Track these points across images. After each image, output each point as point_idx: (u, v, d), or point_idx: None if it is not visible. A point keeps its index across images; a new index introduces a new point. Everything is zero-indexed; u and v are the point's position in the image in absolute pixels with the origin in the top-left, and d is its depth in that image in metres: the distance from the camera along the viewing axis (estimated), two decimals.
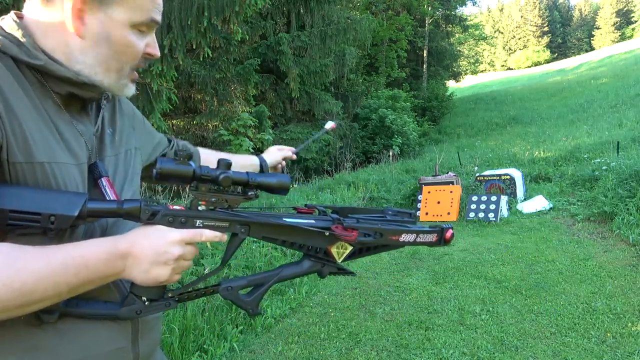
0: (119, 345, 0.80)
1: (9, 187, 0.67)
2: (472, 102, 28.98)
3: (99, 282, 0.72)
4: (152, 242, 0.73)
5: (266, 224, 0.83)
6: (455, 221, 6.89)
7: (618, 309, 3.31)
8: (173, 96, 6.83)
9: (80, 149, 0.78)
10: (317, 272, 0.90)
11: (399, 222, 0.94)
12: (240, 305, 0.86)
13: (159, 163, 0.72)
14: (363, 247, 0.91)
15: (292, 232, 0.85)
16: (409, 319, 3.47)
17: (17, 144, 0.68)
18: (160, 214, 0.75)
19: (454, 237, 0.97)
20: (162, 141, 1.12)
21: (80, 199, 0.70)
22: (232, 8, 6.41)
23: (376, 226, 0.90)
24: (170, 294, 0.81)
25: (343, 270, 0.92)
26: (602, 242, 5.04)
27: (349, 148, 14.31)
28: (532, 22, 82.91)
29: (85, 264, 0.68)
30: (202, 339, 2.99)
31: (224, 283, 0.84)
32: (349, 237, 0.87)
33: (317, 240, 0.87)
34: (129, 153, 0.92)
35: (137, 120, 1.01)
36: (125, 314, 0.77)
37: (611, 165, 7.23)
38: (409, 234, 0.92)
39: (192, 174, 0.74)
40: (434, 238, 0.95)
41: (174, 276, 0.76)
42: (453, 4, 28.03)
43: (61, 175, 0.72)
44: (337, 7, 13.54)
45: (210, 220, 0.78)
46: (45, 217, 0.67)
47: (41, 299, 0.66)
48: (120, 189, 0.85)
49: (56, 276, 0.66)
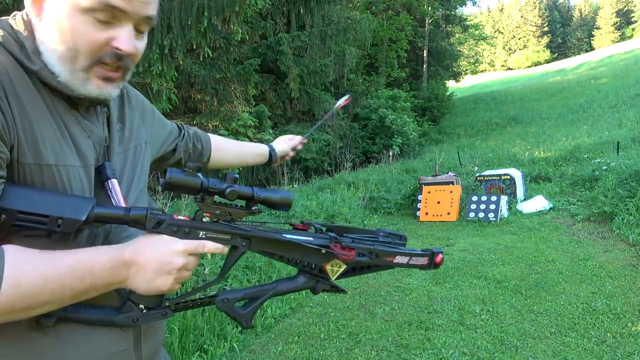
0: (121, 348, 0.80)
1: (17, 187, 0.67)
2: (472, 102, 28.97)
3: (101, 290, 0.72)
4: (156, 251, 0.73)
5: (266, 239, 0.85)
6: (455, 221, 6.89)
7: (618, 309, 3.31)
8: (173, 96, 6.84)
9: (88, 151, 0.78)
10: (310, 288, 0.93)
11: (391, 243, 0.97)
12: (235, 317, 0.87)
13: (169, 173, 0.74)
14: (357, 267, 0.94)
15: (291, 248, 0.87)
16: (409, 319, 3.47)
17: (27, 145, 0.68)
18: (166, 224, 0.76)
19: (443, 261, 1.01)
20: (173, 130, 1.12)
21: (88, 203, 0.71)
22: (232, 8, 6.41)
23: (372, 247, 0.93)
24: (167, 302, 0.81)
25: (335, 288, 0.95)
26: (602, 242, 5.04)
27: (349, 148, 14.31)
28: (532, 22, 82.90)
29: (90, 269, 0.69)
30: (202, 339, 2.99)
31: (221, 295, 0.86)
32: (347, 256, 0.89)
33: (313, 257, 0.89)
34: (138, 148, 0.92)
35: (147, 112, 1.01)
36: (122, 321, 0.77)
37: (611, 165, 7.23)
38: (403, 256, 0.95)
39: (200, 186, 0.76)
40: (425, 261, 0.98)
41: (175, 285, 0.76)
42: (453, 4, 28.02)
43: (67, 178, 0.72)
44: (337, 7, 13.54)
45: (214, 232, 0.80)
46: (53, 219, 0.67)
47: (46, 302, 0.66)
48: (127, 189, 0.85)
49: (63, 280, 0.66)
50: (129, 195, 0.84)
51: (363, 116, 16.21)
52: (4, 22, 0.73)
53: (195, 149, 1.20)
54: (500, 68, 77.58)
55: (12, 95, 0.67)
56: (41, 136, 0.69)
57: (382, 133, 15.58)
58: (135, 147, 0.91)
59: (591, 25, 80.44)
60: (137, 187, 0.88)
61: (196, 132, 1.22)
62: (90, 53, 0.70)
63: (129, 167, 0.87)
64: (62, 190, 0.71)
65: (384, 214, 7.86)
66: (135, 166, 0.89)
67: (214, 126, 9.05)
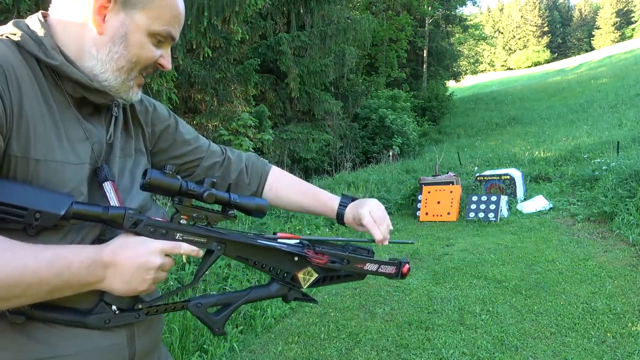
0: (113, 342, 0.80)
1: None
2: (472, 102, 28.98)
3: (77, 289, 0.72)
4: (134, 251, 0.74)
5: (241, 244, 0.86)
6: (455, 221, 6.89)
7: (618, 309, 3.31)
8: (173, 96, 6.84)
9: (84, 150, 0.78)
10: (283, 296, 0.94)
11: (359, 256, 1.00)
12: (207, 323, 0.88)
13: (149, 174, 0.74)
14: (327, 276, 0.96)
15: (265, 253, 0.89)
16: (409, 319, 3.47)
17: (19, 138, 0.69)
18: (143, 224, 0.76)
19: (410, 271, 1.06)
20: (199, 149, 1.06)
21: (67, 199, 0.71)
22: (232, 8, 6.41)
23: (344, 253, 0.96)
24: (140, 305, 0.81)
25: (307, 297, 0.98)
26: (602, 242, 5.04)
27: (349, 148, 14.32)
28: (532, 22, 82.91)
29: (69, 266, 0.69)
30: (202, 339, 2.99)
31: (194, 299, 0.86)
32: (320, 260, 0.93)
33: (286, 264, 0.92)
34: (140, 155, 0.93)
35: (168, 125, 1.01)
36: (93, 322, 0.76)
37: (611, 165, 7.24)
38: (372, 263, 0.99)
39: (179, 188, 0.77)
40: (393, 270, 1.02)
41: (152, 286, 0.77)
42: (453, 4, 28.02)
43: (56, 174, 0.73)
44: (337, 7, 13.52)
45: (190, 234, 0.81)
46: (31, 213, 0.67)
47: (22, 294, 0.66)
48: (126, 194, 0.85)
49: (41, 272, 0.66)
50: (128, 199, 0.84)
51: (363, 116, 16.21)
52: (22, 22, 0.77)
53: (240, 181, 1.12)
54: (500, 68, 77.58)
55: (14, 89, 0.69)
56: (35, 132, 0.71)
57: (382, 133, 15.58)
58: (137, 155, 0.92)
59: (591, 25, 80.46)
60: (139, 194, 0.88)
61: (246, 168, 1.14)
62: (144, 66, 0.83)
63: (128, 172, 0.88)
64: (48, 185, 0.72)
65: None
66: (134, 172, 0.90)
67: (214, 126, 9.06)
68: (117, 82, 0.80)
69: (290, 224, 6.06)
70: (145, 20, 0.78)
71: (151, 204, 0.92)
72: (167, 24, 0.81)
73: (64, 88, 0.77)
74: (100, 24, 0.77)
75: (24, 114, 0.70)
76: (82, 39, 0.77)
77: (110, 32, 0.77)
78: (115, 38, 0.77)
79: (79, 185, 0.76)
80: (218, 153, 1.11)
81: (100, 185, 0.80)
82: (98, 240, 0.79)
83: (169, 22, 0.81)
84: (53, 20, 0.78)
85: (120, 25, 0.77)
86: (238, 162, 1.13)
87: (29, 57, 0.74)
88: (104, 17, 0.77)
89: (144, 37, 0.79)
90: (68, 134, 0.76)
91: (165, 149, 1.01)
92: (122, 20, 0.77)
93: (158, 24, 0.80)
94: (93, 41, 0.77)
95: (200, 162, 1.06)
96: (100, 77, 0.78)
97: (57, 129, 0.74)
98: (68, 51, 0.77)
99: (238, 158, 1.14)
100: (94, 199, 0.79)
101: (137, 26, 0.78)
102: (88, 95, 0.79)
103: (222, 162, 1.10)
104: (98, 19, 0.76)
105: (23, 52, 0.73)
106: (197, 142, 1.07)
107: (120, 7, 0.77)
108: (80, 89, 0.78)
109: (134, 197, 0.86)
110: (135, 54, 0.80)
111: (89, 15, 0.76)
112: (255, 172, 1.15)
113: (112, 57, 0.78)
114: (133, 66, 0.80)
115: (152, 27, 0.79)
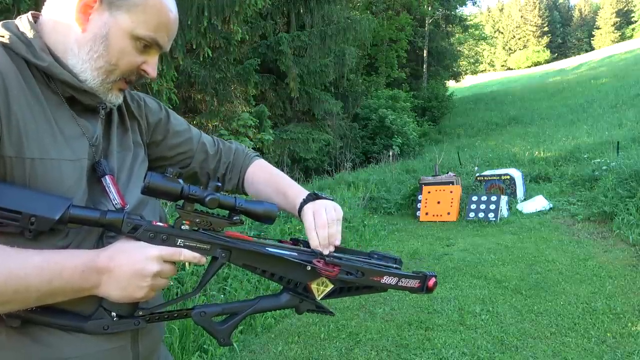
0: (118, 344, 0.80)
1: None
2: (472, 102, 28.96)
3: (71, 295, 0.71)
4: (130, 257, 0.72)
5: (248, 251, 0.81)
6: (455, 221, 6.89)
7: (618, 309, 3.32)
8: (173, 96, 6.83)
9: (80, 146, 0.78)
10: (294, 307, 0.88)
11: (384, 266, 0.92)
12: (211, 332, 0.84)
13: (148, 177, 0.72)
14: (344, 287, 0.88)
15: (273, 262, 0.83)
16: (409, 319, 3.47)
17: (11, 139, 0.69)
18: (142, 229, 0.74)
19: (437, 285, 0.93)
20: (191, 140, 1.06)
21: (64, 202, 0.70)
22: (232, 8, 6.41)
23: (358, 265, 0.87)
24: (141, 312, 0.79)
25: (321, 309, 0.90)
26: (602, 242, 5.04)
27: (349, 148, 14.31)
28: (532, 22, 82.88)
29: (60, 272, 0.68)
30: (202, 339, 2.98)
31: (198, 308, 0.82)
32: (331, 272, 0.84)
33: (297, 273, 0.85)
34: (139, 150, 0.93)
35: (160, 118, 1.02)
36: (92, 328, 0.75)
37: (611, 165, 7.24)
38: (391, 276, 0.89)
39: (180, 192, 0.74)
40: (416, 284, 0.92)
41: (150, 293, 0.75)
42: (453, 4, 28.00)
43: (53, 172, 0.72)
44: (337, 7, 13.51)
45: (192, 240, 0.77)
46: (26, 217, 0.66)
47: (9, 300, 0.65)
48: (125, 188, 0.84)
49: (28, 278, 0.65)
50: (128, 193, 0.84)
51: (363, 116, 16.21)
52: (11, 23, 0.77)
53: (227, 173, 1.13)
54: (500, 68, 77.54)
55: (2, 90, 0.69)
56: (27, 131, 0.70)
57: (382, 133, 15.59)
58: (135, 149, 0.92)
59: (591, 25, 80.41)
60: (137, 187, 0.87)
61: (244, 151, 1.15)
62: (125, 71, 0.81)
63: (127, 166, 0.88)
64: (46, 184, 0.71)
65: (384, 214, 7.86)
66: (133, 167, 0.89)
67: (214, 126, 9.05)
68: (96, 83, 0.79)
69: (290, 224, 6.04)
70: (130, 23, 0.78)
71: (149, 199, 0.90)
72: (153, 31, 0.80)
73: (56, 87, 0.77)
74: (84, 22, 0.76)
75: (13, 114, 0.69)
76: (67, 37, 0.77)
77: (92, 31, 0.77)
78: (96, 37, 0.77)
79: (77, 181, 0.76)
80: (211, 144, 1.11)
81: (99, 180, 0.79)
82: (101, 239, 0.79)
83: (155, 28, 0.80)
84: (45, 20, 0.79)
85: (103, 25, 0.77)
86: (228, 154, 1.13)
87: (18, 58, 0.73)
88: (89, 16, 0.77)
89: (126, 40, 0.78)
90: (63, 132, 0.76)
91: (160, 140, 1.01)
92: (106, 20, 0.77)
93: (143, 29, 0.79)
94: (76, 39, 0.77)
95: (194, 154, 1.06)
96: (81, 77, 0.78)
97: (50, 127, 0.74)
98: (57, 50, 0.77)
99: (228, 150, 1.14)
100: (93, 194, 0.78)
101: (120, 28, 0.77)
102: (76, 96, 0.79)
103: (215, 153, 1.10)
104: (81, 17, 0.76)
105: (11, 53, 0.73)
106: (189, 133, 1.07)
107: (105, 8, 0.77)
108: (69, 89, 0.78)
109: (132, 192, 0.86)
110: (115, 56, 0.78)
111: (74, 12, 0.76)
112: (237, 165, 1.14)
113: (92, 56, 0.77)
114: (112, 68, 0.79)
115: (136, 31, 0.78)
